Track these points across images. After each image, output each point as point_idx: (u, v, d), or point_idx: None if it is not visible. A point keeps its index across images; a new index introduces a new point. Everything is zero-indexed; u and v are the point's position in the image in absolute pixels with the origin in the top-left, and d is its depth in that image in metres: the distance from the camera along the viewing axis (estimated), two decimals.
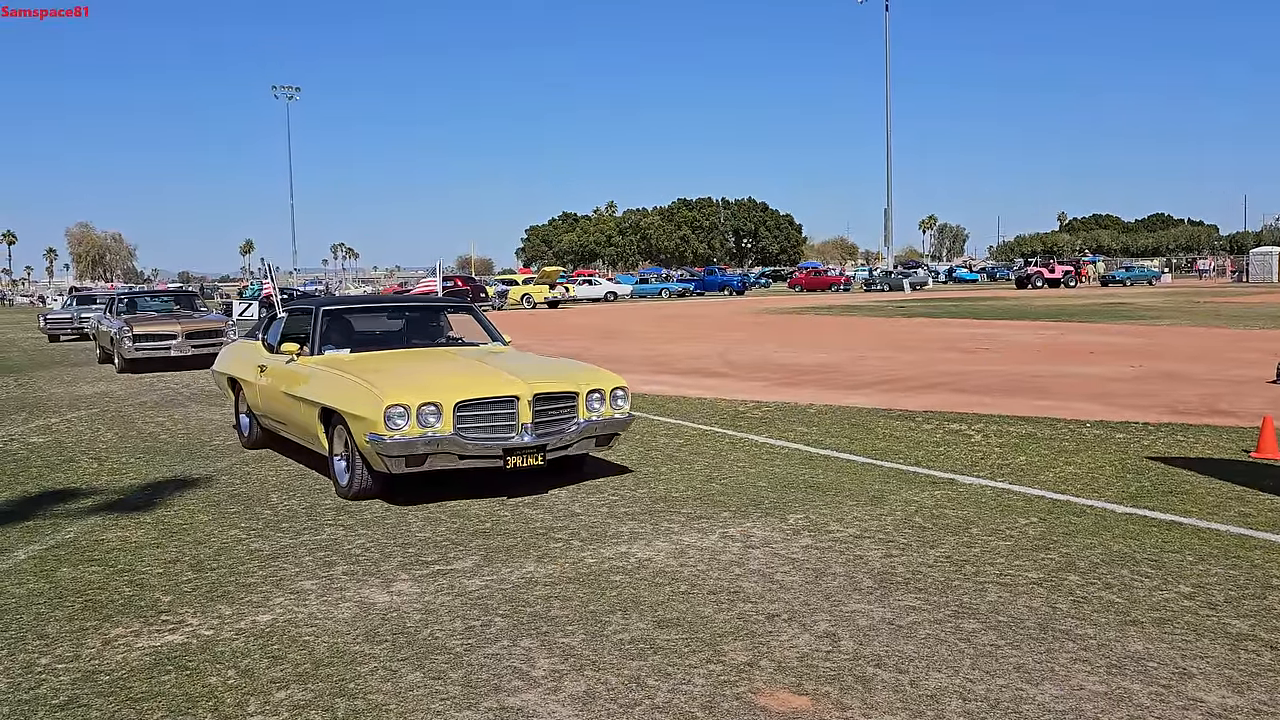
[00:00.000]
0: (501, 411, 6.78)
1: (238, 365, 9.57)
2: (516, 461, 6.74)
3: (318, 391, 7.38)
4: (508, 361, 7.82)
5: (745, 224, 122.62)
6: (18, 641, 4.45)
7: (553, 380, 7.18)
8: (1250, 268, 66.92)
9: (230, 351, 10.42)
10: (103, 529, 6.45)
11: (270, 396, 8.46)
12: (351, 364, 7.65)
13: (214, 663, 4.15)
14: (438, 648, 4.27)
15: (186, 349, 18.08)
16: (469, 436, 6.66)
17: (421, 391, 6.66)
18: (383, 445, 6.44)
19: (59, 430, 10.97)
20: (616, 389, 7.39)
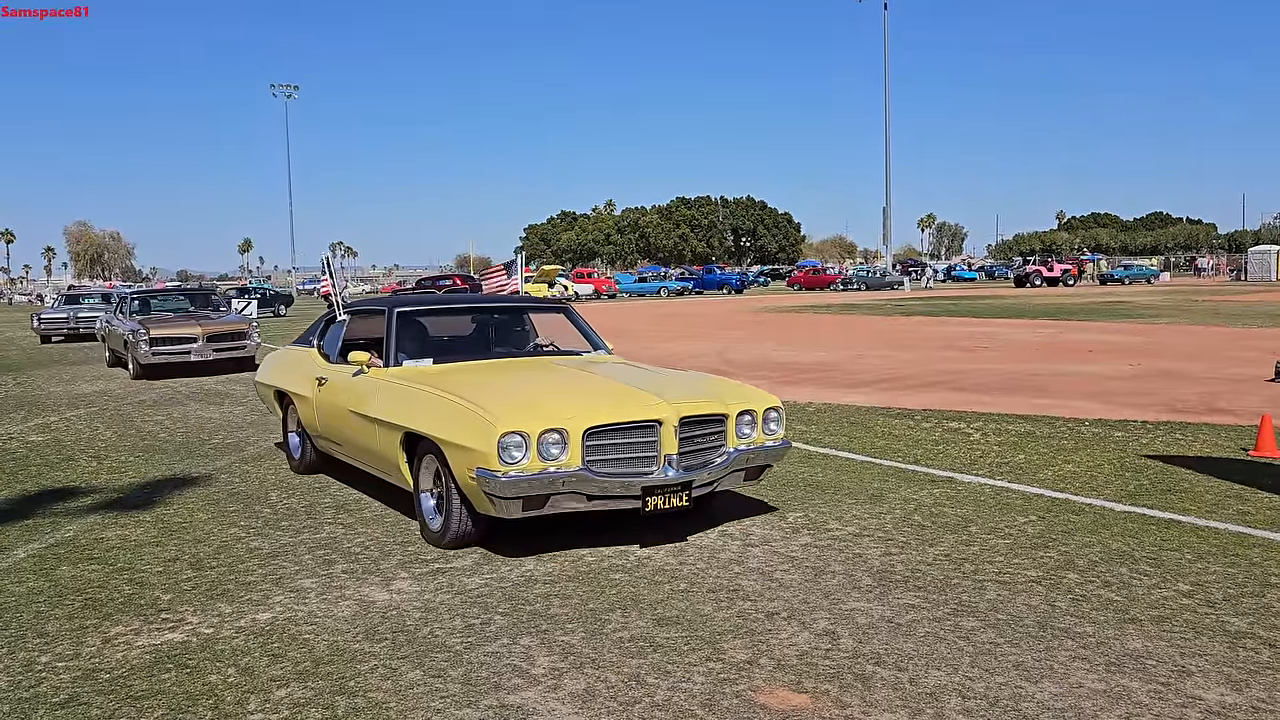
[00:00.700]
0: (640, 440, 5.49)
1: (288, 377, 8.22)
2: (657, 503, 5.43)
3: (399, 412, 6.07)
4: (631, 375, 6.46)
5: (744, 222, 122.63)
6: (18, 639, 4.46)
7: (698, 400, 5.84)
8: (1248, 266, 66.98)
9: (277, 360, 8.91)
10: (102, 527, 6.46)
11: (332, 415, 7.13)
12: (440, 378, 6.27)
13: (214, 661, 4.16)
14: (437, 646, 4.28)
15: (207, 353, 16.47)
16: (601, 471, 5.37)
17: (543, 415, 5.35)
18: (495, 483, 5.14)
19: (58, 429, 10.97)
20: (770, 410, 6.14)
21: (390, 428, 6.14)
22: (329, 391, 7.22)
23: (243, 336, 17.15)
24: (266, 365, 9.02)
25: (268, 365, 8.99)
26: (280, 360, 8.81)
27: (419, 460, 5.96)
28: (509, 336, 7.91)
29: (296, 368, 8.15)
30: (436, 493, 5.84)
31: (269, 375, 8.72)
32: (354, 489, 7.43)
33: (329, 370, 7.42)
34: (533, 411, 5.39)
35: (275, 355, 9.10)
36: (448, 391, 5.83)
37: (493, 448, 5.17)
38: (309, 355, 8.04)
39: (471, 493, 5.40)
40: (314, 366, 7.74)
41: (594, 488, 5.33)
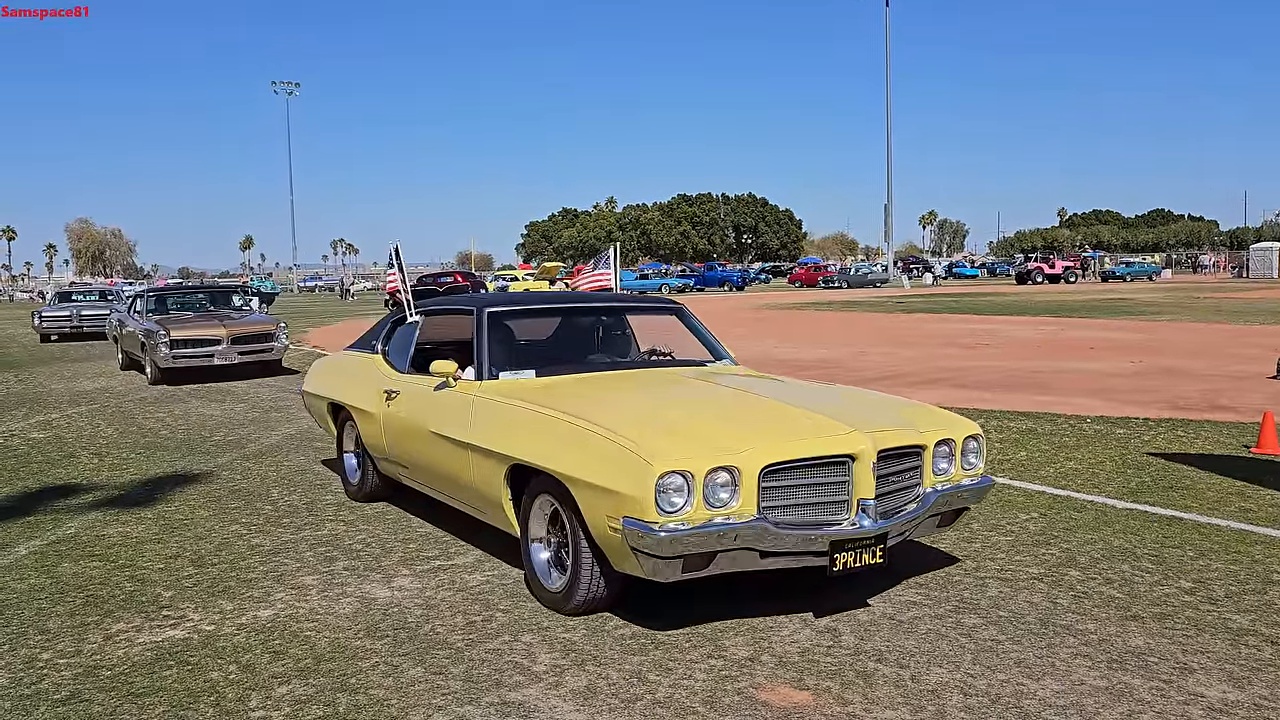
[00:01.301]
0: (830, 480, 4.33)
1: (346, 388, 6.99)
2: (847, 560, 4.27)
3: (503, 438, 4.91)
4: (795, 394, 5.27)
5: (745, 220, 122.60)
6: (19, 636, 4.46)
7: (892, 428, 4.64)
8: (1250, 263, 66.92)
9: (331, 368, 7.68)
10: (104, 524, 6.46)
11: (406, 436, 5.97)
12: (554, 396, 5.08)
13: (215, 658, 4.16)
14: (439, 643, 4.28)
15: (232, 356, 15.01)
16: (780, 521, 4.21)
17: (710, 449, 4.17)
18: (651, 539, 3.98)
19: (59, 426, 10.97)
20: (970, 439, 4.95)
21: (490, 457, 4.95)
22: (401, 407, 6.06)
23: (269, 338, 15.70)
24: (317, 373, 7.77)
25: (319, 373, 7.75)
26: (335, 368, 7.58)
27: (529, 500, 4.79)
28: (614, 342, 6.64)
29: (357, 378, 6.87)
30: (554, 542, 4.74)
31: (321, 385, 7.51)
32: None
33: (400, 382, 6.26)
34: (696, 444, 4.20)
35: (328, 362, 7.91)
36: (572, 414, 4.63)
37: (648, 492, 3.99)
38: (372, 363, 6.80)
39: (611, 547, 4.24)
40: (380, 377, 6.53)
41: (771, 542, 4.15)
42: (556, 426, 4.62)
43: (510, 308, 6.15)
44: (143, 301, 17.22)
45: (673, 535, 3.99)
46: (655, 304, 7.07)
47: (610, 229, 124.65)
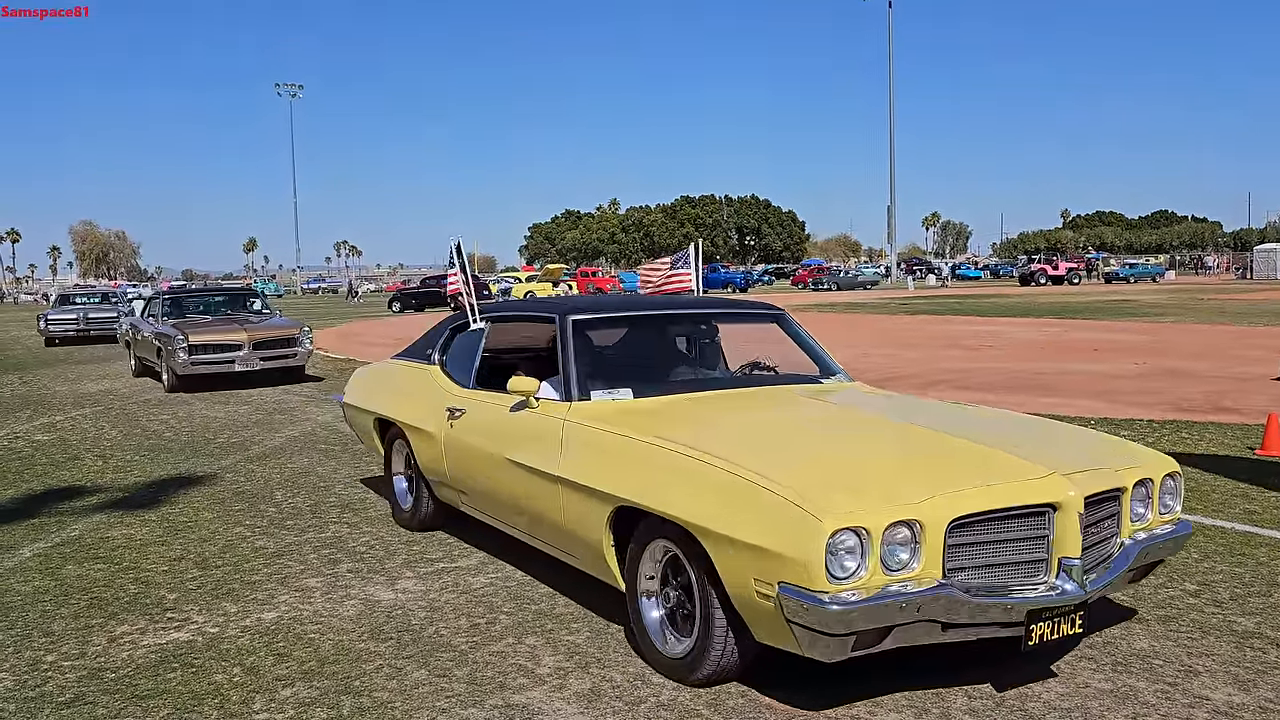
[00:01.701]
0: (1027, 536, 3.57)
1: (399, 402, 6.23)
2: (1044, 632, 3.52)
3: (608, 474, 4.13)
4: (956, 423, 4.56)
5: (748, 221, 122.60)
6: (23, 639, 4.46)
7: (1092, 469, 3.85)
8: (1254, 264, 66.83)
9: (377, 379, 6.89)
10: (108, 527, 6.47)
11: (474, 462, 5.25)
12: (664, 422, 4.33)
13: (220, 660, 4.16)
14: (443, 645, 4.28)
15: (253, 361, 14.26)
16: (969, 586, 3.46)
17: (885, 499, 3.39)
18: (818, 613, 3.22)
19: (63, 428, 10.99)
20: (1169, 476, 4.18)
21: (589, 496, 4.20)
22: (469, 429, 5.32)
23: (292, 343, 14.88)
24: (362, 385, 7.00)
25: (364, 385, 6.97)
26: (384, 379, 6.78)
27: (639, 548, 4.04)
28: (705, 354, 5.89)
29: (412, 392, 6.13)
30: (672, 597, 3.96)
31: (366, 398, 6.74)
32: (358, 486, 7.44)
33: (466, 399, 5.50)
34: (869, 493, 3.42)
35: (373, 372, 7.10)
36: (700, 450, 3.82)
37: (816, 555, 3.22)
38: (428, 376, 6.04)
39: (757, 615, 3.48)
40: (440, 392, 5.78)
41: (960, 613, 3.39)
42: (680, 464, 3.82)
43: (600, 315, 5.28)
44: (158, 304, 16.25)
45: (845, 608, 3.21)
46: (754, 310, 5.99)
47: (613, 231, 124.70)
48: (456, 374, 5.81)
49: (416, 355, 6.44)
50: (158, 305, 16.20)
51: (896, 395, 5.52)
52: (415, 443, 5.93)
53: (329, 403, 12.42)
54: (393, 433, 6.37)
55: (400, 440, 6.25)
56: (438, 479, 5.77)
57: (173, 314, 15.78)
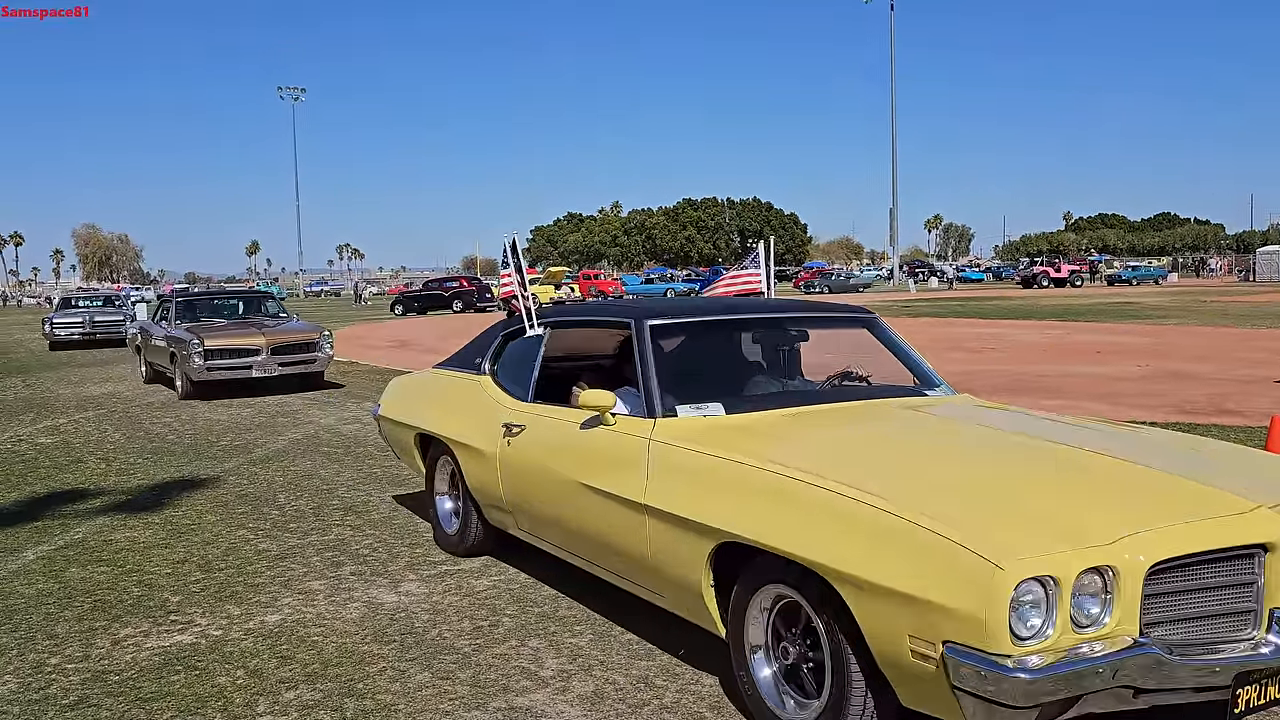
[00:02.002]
0: (1231, 581, 3.00)
1: (445, 417, 5.65)
2: (1251, 698, 2.91)
3: (705, 504, 3.56)
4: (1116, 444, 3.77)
5: (750, 224, 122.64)
6: (27, 641, 4.47)
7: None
8: (1257, 266, 66.80)
9: (418, 390, 6.36)
10: (111, 529, 6.47)
11: (539, 486, 4.66)
12: (770, 443, 3.80)
13: (223, 663, 4.17)
14: (446, 648, 4.28)
15: (272, 367, 13.71)
16: (1169, 643, 2.88)
17: (1073, 540, 2.81)
18: (1000, 682, 2.64)
19: (67, 431, 11.00)
20: None
21: (684, 530, 3.61)
22: (530, 448, 4.77)
23: (312, 347, 14.22)
24: (400, 396, 6.46)
25: (402, 396, 6.43)
26: (425, 391, 6.23)
27: (746, 592, 3.47)
28: (786, 364, 5.31)
29: (459, 405, 5.55)
30: (791, 653, 3.38)
31: (406, 411, 6.16)
32: (361, 488, 7.45)
33: (525, 414, 4.92)
34: (1050, 533, 2.81)
35: (413, 383, 6.57)
36: (827, 478, 3.25)
37: (997, 609, 2.64)
38: (478, 388, 5.46)
39: (912, 679, 2.90)
40: (494, 406, 5.20)
41: (1158, 676, 2.76)
42: (804, 495, 3.23)
43: (681, 319, 4.74)
44: (170, 307, 15.53)
45: (1034, 676, 2.60)
46: (845, 313, 5.34)
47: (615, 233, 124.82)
48: (511, 386, 5.25)
49: (464, 364, 5.83)
50: (169, 308, 15.53)
51: (1020, 410, 4.66)
52: (464, 461, 5.35)
53: (333, 405, 12.42)
54: (436, 449, 5.82)
55: (445, 458, 5.71)
56: (490, 501, 5.21)
57: (185, 317, 15.15)
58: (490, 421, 5.13)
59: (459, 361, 5.96)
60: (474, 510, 5.47)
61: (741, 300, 5.90)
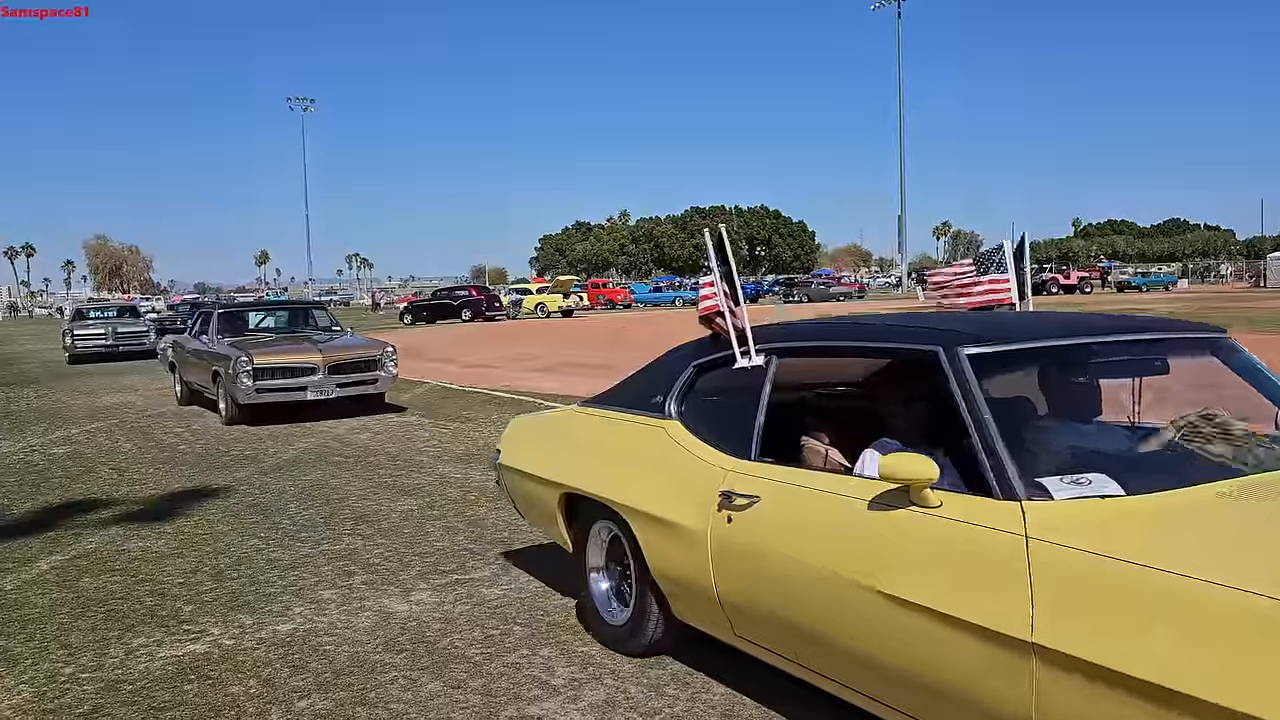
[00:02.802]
0: None
1: (612, 474, 4.23)
2: None
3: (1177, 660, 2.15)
4: None
5: (758, 232, 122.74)
6: (42, 651, 4.50)
7: None
8: (1269, 272, 66.56)
9: (560, 434, 4.93)
10: (124, 539, 6.51)
11: (788, 584, 3.29)
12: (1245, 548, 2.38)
13: (236, 672, 4.18)
14: (457, 657, 4.29)
15: (329, 389, 11.83)
16: None
17: None
18: None
19: (79, 441, 11.06)
20: None
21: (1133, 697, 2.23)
22: (772, 530, 3.38)
23: (374, 366, 12.33)
24: (533, 440, 5.03)
25: (536, 440, 5.02)
26: (571, 434, 4.78)
27: None
28: (1086, 402, 3.82)
29: (635, 458, 4.15)
30: None
31: (543, 461, 4.75)
32: (371, 497, 7.47)
33: (757, 480, 3.51)
34: None
35: (552, 423, 5.15)
36: None
37: None
38: (662, 436, 4.04)
39: None
40: (694, 464, 3.81)
41: None
42: None
43: (1016, 347, 3.29)
44: (212, 320, 13.58)
45: None
46: (1195, 333, 3.95)
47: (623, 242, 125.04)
48: (716, 436, 3.82)
49: (633, 403, 4.38)
50: (210, 320, 13.65)
51: None
52: (646, 536, 3.94)
53: (343, 414, 12.36)
54: (590, 512, 4.43)
55: (604, 524, 4.37)
56: (691, 595, 3.81)
57: (228, 330, 13.31)
58: (691, 485, 3.73)
59: (626, 398, 4.50)
60: (654, 600, 4.07)
61: (1077, 317, 4.04)
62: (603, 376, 16.62)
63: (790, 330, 4.07)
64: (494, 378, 17.00)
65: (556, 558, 5.72)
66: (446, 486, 7.88)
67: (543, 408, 12.62)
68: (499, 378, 17.01)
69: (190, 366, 13.75)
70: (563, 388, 14.79)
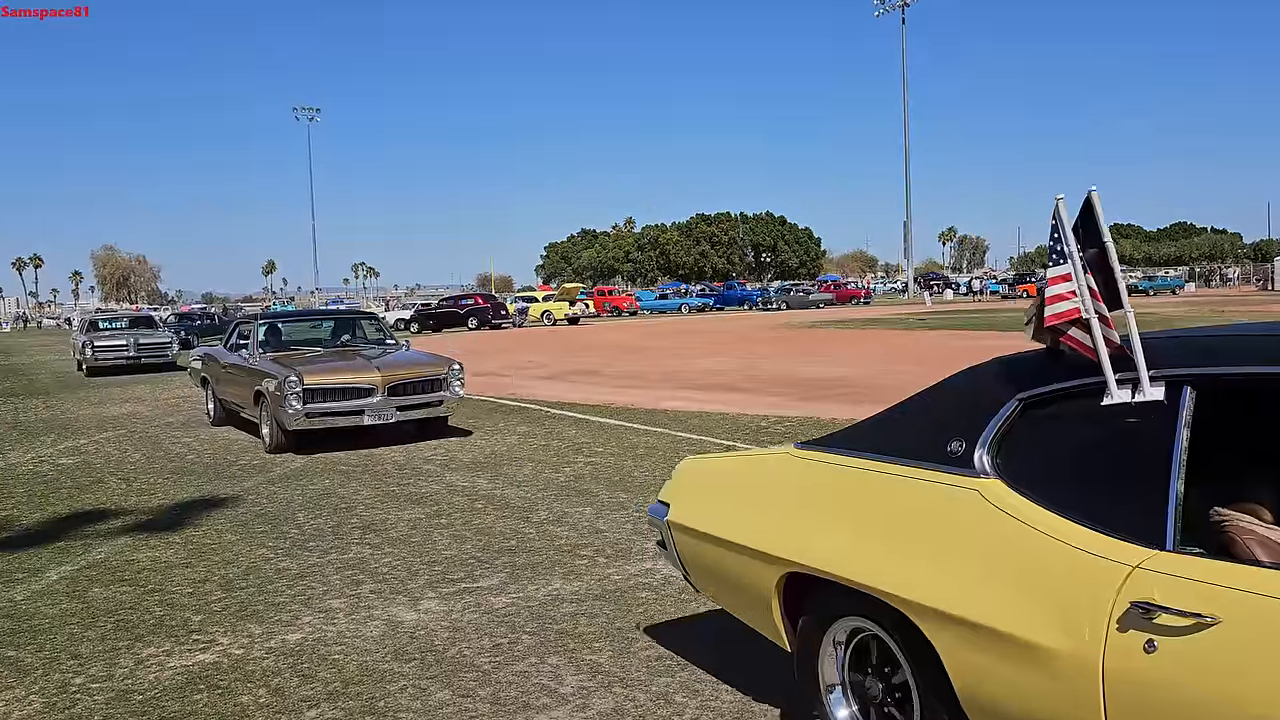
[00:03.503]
0: None
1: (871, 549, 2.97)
2: None
3: None
4: None
5: (764, 239, 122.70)
6: (52, 662, 4.51)
7: None
8: (1275, 276, 66.43)
9: (762, 485, 3.60)
10: (133, 549, 6.52)
11: None
12: None
13: (245, 681, 4.19)
14: (466, 665, 4.29)
15: (388, 412, 10.30)
16: None
17: None
18: None
19: (87, 451, 11.10)
20: None
21: None
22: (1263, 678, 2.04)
23: (437, 385, 10.76)
24: (730, 493, 3.72)
25: (736, 494, 3.68)
26: (798, 490, 3.42)
27: None
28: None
29: (927, 535, 2.87)
30: None
31: (752, 526, 3.44)
32: (379, 507, 7.48)
33: (1222, 589, 2.18)
34: None
35: (755, 470, 3.77)
36: None
37: None
38: (975, 503, 2.78)
39: None
40: (1062, 552, 2.51)
41: None
42: None
43: None
44: (253, 332, 12.01)
45: None
46: None
47: (629, 249, 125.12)
48: (1089, 509, 2.55)
49: (909, 448, 3.08)
50: (252, 333, 12.01)
51: None
52: (958, 652, 2.69)
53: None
54: (830, 602, 3.16)
55: (856, 623, 3.13)
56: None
57: (270, 345, 11.89)
58: (1051, 583, 2.50)
59: (890, 441, 3.21)
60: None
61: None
62: (635, 385, 16.62)
63: (1215, 346, 2.71)
64: (500, 386, 17.01)
65: (565, 565, 5.72)
66: (454, 495, 7.89)
67: (549, 414, 12.66)
68: (505, 386, 17.02)
69: (226, 384, 12.28)
70: (586, 398, 14.81)
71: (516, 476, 8.58)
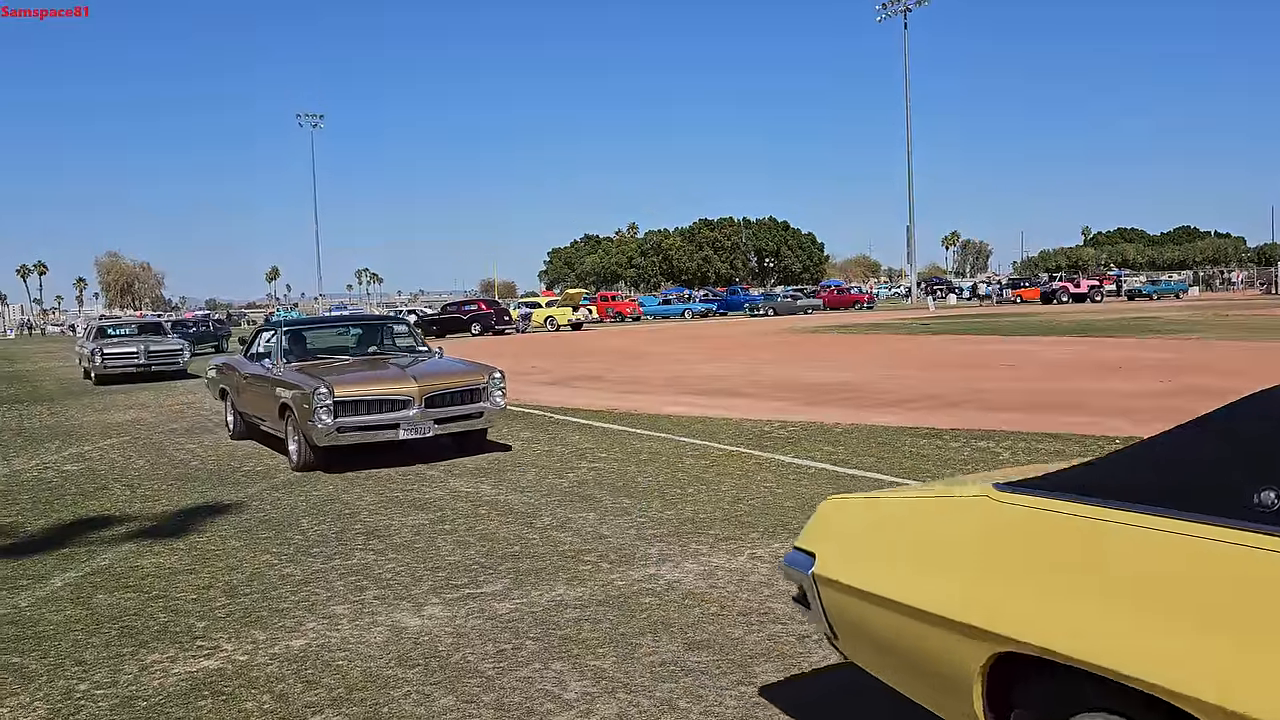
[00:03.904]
0: None
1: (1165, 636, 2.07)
2: None
3: None
4: None
5: (767, 243, 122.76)
6: (56, 668, 4.52)
7: None
8: (1278, 280, 66.35)
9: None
10: (137, 555, 6.53)
11: None
12: None
13: (249, 688, 4.19)
14: (470, 671, 4.29)
15: (426, 426, 9.55)
16: None
17: None
18: None
19: (91, 458, 11.11)
20: None
21: None
22: None
23: (478, 396, 10.10)
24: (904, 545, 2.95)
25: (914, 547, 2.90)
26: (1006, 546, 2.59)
27: None
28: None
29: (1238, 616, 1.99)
30: None
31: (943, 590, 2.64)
32: (383, 512, 7.48)
33: None
34: None
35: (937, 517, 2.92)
36: None
37: None
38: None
39: None
40: None
41: None
42: None
43: None
44: (279, 340, 11.20)
45: None
46: None
47: (632, 255, 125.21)
48: None
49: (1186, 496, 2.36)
50: (276, 340, 11.26)
51: None
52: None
53: None
54: (1069, 694, 2.39)
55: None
56: None
57: (297, 353, 11.07)
58: None
59: (1144, 485, 2.52)
60: None
61: None
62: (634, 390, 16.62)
63: None
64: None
65: (569, 571, 5.73)
66: (457, 500, 7.89)
67: (553, 420, 12.67)
68: (509, 391, 17.00)
69: (247, 395, 11.53)
70: (589, 403, 14.81)
71: (520, 482, 8.58)
